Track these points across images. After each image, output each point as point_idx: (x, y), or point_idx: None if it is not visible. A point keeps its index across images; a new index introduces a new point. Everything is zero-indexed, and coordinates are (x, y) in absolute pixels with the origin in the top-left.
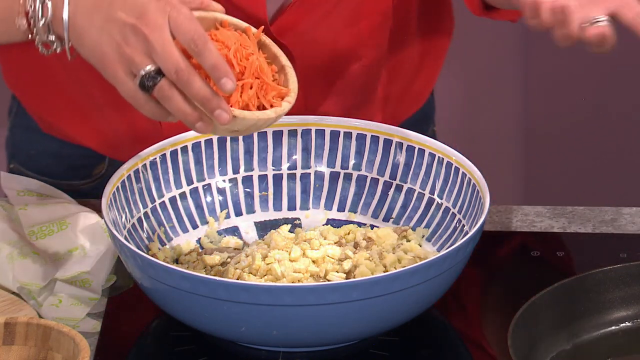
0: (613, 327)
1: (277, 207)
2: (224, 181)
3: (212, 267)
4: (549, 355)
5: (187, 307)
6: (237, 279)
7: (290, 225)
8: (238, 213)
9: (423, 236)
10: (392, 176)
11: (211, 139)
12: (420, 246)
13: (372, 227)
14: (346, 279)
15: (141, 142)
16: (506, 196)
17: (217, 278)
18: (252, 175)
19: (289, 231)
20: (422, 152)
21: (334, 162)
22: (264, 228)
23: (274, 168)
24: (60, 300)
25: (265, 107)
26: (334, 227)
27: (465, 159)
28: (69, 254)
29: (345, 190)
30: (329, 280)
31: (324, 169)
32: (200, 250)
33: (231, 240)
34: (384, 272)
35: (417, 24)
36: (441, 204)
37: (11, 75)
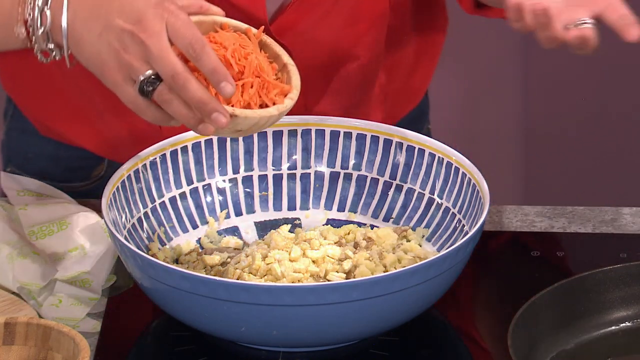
0: (613, 327)
1: (277, 207)
2: (224, 181)
3: (212, 267)
4: (549, 355)
5: (187, 307)
6: (237, 279)
7: (290, 225)
8: (238, 213)
9: (423, 236)
10: (392, 176)
11: (211, 139)
12: (420, 246)
13: (372, 227)
14: (346, 279)
15: (141, 144)
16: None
17: (217, 278)
18: (252, 175)
19: (289, 231)
20: (422, 152)
21: (334, 162)
22: (264, 228)
23: (274, 168)
24: (60, 300)
25: (267, 105)
26: (334, 227)
27: (465, 159)
28: (69, 254)
29: (345, 190)
30: (329, 280)
31: (324, 169)
32: (200, 250)
33: (231, 240)
34: (384, 272)
35: (412, 22)
36: (441, 204)
37: (8, 79)
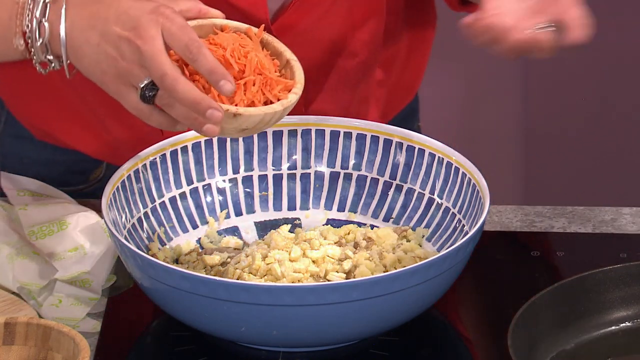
0: (613, 327)
1: (277, 207)
2: (224, 181)
3: (212, 267)
4: (549, 355)
5: (187, 307)
6: (237, 279)
7: (290, 225)
8: (238, 213)
9: (423, 236)
10: (392, 176)
11: (211, 139)
12: (420, 246)
13: (372, 227)
14: (346, 279)
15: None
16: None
17: (217, 278)
18: (252, 175)
19: (289, 231)
20: (422, 152)
21: (334, 162)
22: (264, 228)
23: (274, 168)
24: (60, 300)
25: (272, 102)
26: (334, 227)
27: (465, 159)
28: (69, 254)
29: (345, 190)
30: (329, 280)
31: (324, 169)
32: (200, 250)
33: (231, 240)
34: (384, 272)
35: (403, 18)
36: (441, 204)
37: (2, 85)
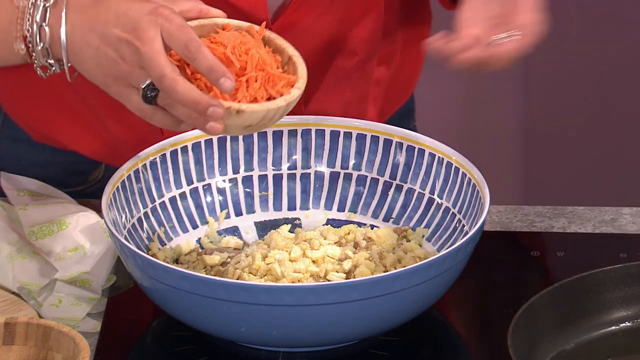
0: (613, 327)
1: (277, 207)
2: (224, 181)
3: (212, 267)
4: (549, 355)
5: (187, 307)
6: (237, 279)
7: (290, 225)
8: (238, 213)
9: (423, 236)
10: (392, 176)
11: (211, 139)
12: (420, 246)
13: (372, 227)
14: (346, 279)
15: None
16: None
17: (217, 278)
18: (252, 175)
19: (289, 231)
20: (422, 152)
21: (334, 162)
22: (264, 228)
23: (274, 168)
24: (60, 300)
25: (275, 98)
26: (334, 227)
27: (465, 159)
28: (69, 254)
29: (345, 190)
30: (329, 280)
31: (324, 169)
32: (200, 250)
33: (231, 240)
34: (384, 272)
35: (399, 16)
36: (441, 204)
37: (0, 88)
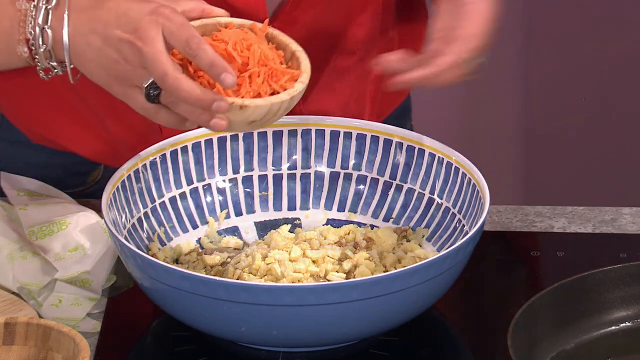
0: (613, 327)
1: (277, 207)
2: (224, 181)
3: (212, 267)
4: (549, 355)
5: (187, 307)
6: (237, 279)
7: (290, 225)
8: (238, 213)
9: (423, 236)
10: (392, 176)
11: (211, 139)
12: (420, 246)
13: (372, 227)
14: (346, 279)
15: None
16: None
17: (217, 278)
18: (252, 175)
19: (289, 231)
20: (422, 152)
21: (334, 162)
22: (264, 228)
23: (274, 168)
24: (60, 300)
25: (279, 93)
26: (334, 227)
27: (465, 159)
28: (69, 254)
29: (345, 190)
30: (329, 280)
31: (324, 169)
32: (200, 250)
33: (231, 240)
34: (384, 272)
35: (396, 15)
36: (441, 204)
37: None
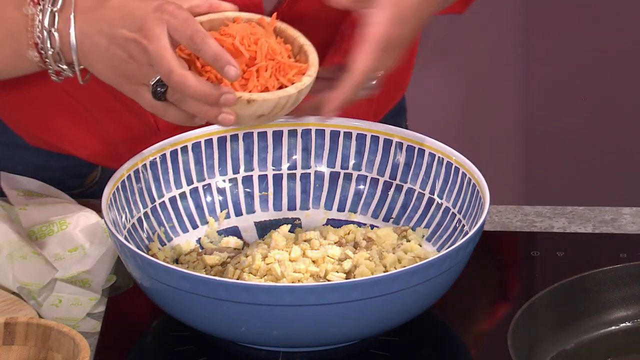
0: (613, 327)
1: (277, 207)
2: (224, 181)
3: (212, 267)
4: (549, 355)
5: (187, 307)
6: (237, 279)
7: (290, 225)
8: (238, 213)
9: (423, 236)
10: (392, 176)
11: (211, 139)
12: (420, 246)
13: (372, 227)
14: (346, 279)
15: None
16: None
17: (217, 278)
18: (252, 175)
19: (289, 231)
20: (422, 152)
21: (334, 162)
22: (264, 228)
23: (274, 168)
24: (60, 300)
25: (287, 86)
26: (334, 227)
27: (465, 159)
28: (69, 254)
29: (345, 190)
30: (329, 280)
31: (324, 169)
32: (200, 250)
33: (231, 240)
34: (384, 272)
35: None
36: (441, 204)
37: None
